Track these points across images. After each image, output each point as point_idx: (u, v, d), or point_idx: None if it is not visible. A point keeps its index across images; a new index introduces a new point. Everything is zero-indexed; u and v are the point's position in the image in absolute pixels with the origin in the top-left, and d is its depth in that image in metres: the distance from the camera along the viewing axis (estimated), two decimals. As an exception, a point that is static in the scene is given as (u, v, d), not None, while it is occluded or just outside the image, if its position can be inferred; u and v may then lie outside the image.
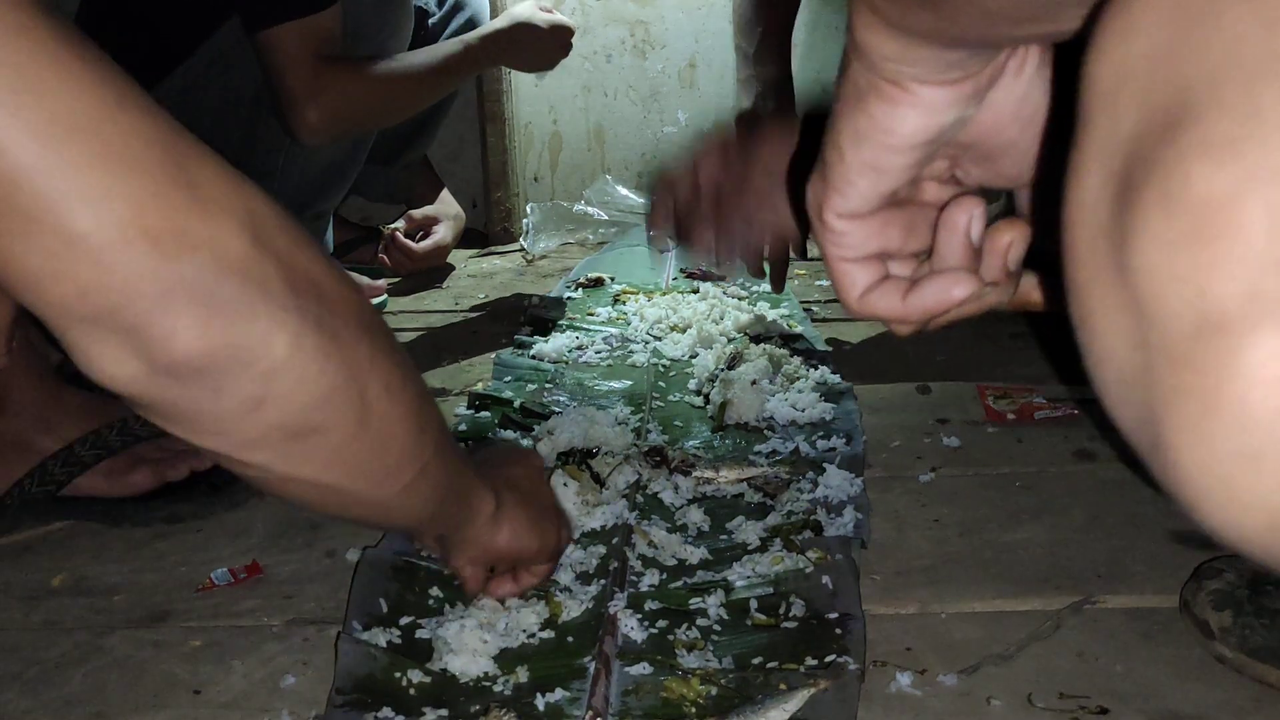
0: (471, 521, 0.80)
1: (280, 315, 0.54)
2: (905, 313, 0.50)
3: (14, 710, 0.83)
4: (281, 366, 0.55)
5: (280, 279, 0.54)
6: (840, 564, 0.92)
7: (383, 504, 0.68)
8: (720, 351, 1.41)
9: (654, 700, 0.79)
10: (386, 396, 0.62)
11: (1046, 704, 0.78)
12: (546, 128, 2.27)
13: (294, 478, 0.61)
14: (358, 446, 0.62)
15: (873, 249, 0.50)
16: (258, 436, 0.57)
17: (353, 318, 0.59)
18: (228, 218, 0.53)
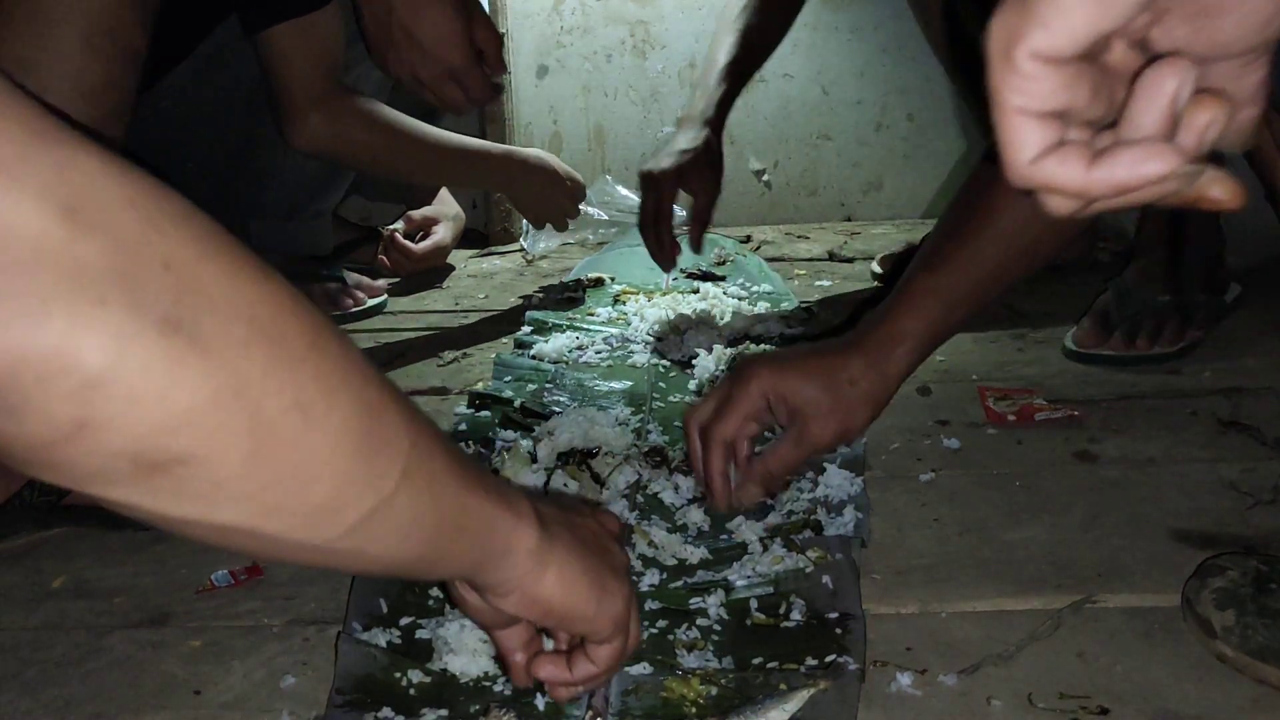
0: (501, 560, 0.63)
1: (93, 314, 0.41)
2: (1086, 185, 0.43)
3: (14, 710, 0.83)
4: (100, 380, 0.41)
5: (105, 266, 0.41)
6: (840, 563, 0.93)
7: (329, 550, 0.53)
8: (720, 352, 1.41)
9: (654, 700, 0.79)
10: (299, 417, 0.48)
11: (1046, 704, 0.78)
12: (546, 128, 2.27)
13: (175, 518, 0.47)
14: (259, 478, 0.48)
15: (1058, 104, 0.43)
16: (98, 468, 0.44)
17: (239, 318, 0.45)
18: (18, 187, 0.39)
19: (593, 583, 0.67)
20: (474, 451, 1.19)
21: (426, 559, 0.59)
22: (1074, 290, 1.63)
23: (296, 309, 0.49)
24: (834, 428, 0.98)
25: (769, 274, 1.79)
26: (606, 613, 0.68)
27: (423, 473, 0.55)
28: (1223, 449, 1.14)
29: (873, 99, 2.24)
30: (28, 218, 0.39)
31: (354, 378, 0.51)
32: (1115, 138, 0.43)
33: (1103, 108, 0.44)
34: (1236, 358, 1.37)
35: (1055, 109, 0.43)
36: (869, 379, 0.98)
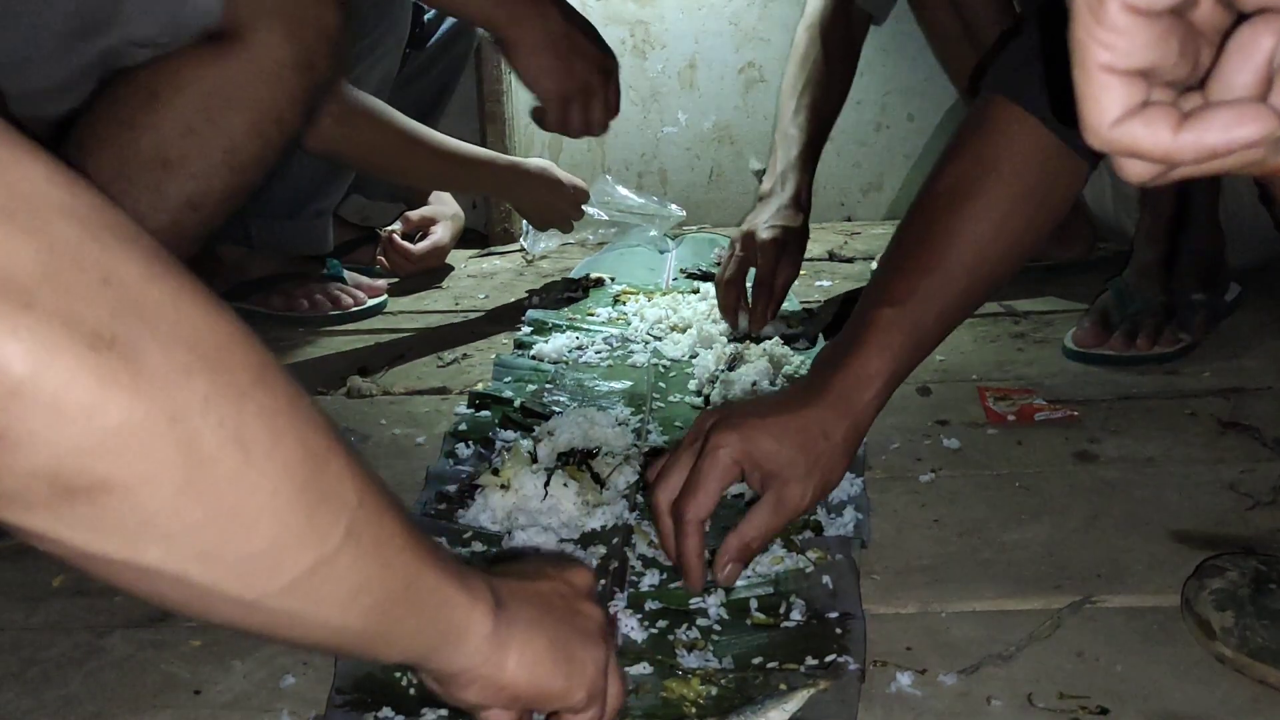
0: (454, 645, 0.58)
1: (18, 318, 0.38)
2: (1173, 149, 0.40)
3: (14, 710, 0.83)
4: (20, 390, 0.39)
5: (36, 273, 0.39)
6: (840, 563, 0.93)
7: (261, 607, 0.48)
8: (720, 352, 1.41)
9: (654, 700, 0.79)
10: (239, 453, 0.44)
11: (1046, 704, 0.78)
12: (546, 128, 2.27)
13: (95, 555, 0.44)
14: (190, 517, 0.44)
15: (1146, 61, 0.40)
16: (12, 488, 0.41)
17: (180, 343, 0.43)
18: None
19: (559, 658, 0.63)
20: (474, 451, 1.19)
21: (371, 634, 0.54)
22: (1074, 290, 1.64)
23: (245, 342, 0.46)
24: (814, 487, 0.91)
25: (769, 274, 1.79)
26: (579, 685, 0.64)
27: (370, 534, 0.51)
28: (1222, 449, 1.14)
29: (873, 99, 2.24)
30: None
31: (299, 420, 0.48)
32: (1203, 99, 0.41)
33: (1187, 68, 0.41)
34: (1236, 358, 1.38)
35: (1143, 66, 0.41)
36: (843, 430, 0.91)
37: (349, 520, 0.50)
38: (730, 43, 2.23)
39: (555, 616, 0.64)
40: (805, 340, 1.48)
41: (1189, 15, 0.41)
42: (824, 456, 0.91)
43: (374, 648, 0.56)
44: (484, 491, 1.05)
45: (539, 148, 2.27)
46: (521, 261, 2.03)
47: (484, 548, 0.99)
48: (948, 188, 0.96)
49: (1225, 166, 0.41)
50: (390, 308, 1.77)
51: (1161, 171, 0.42)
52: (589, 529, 1.02)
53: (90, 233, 0.41)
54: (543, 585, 0.66)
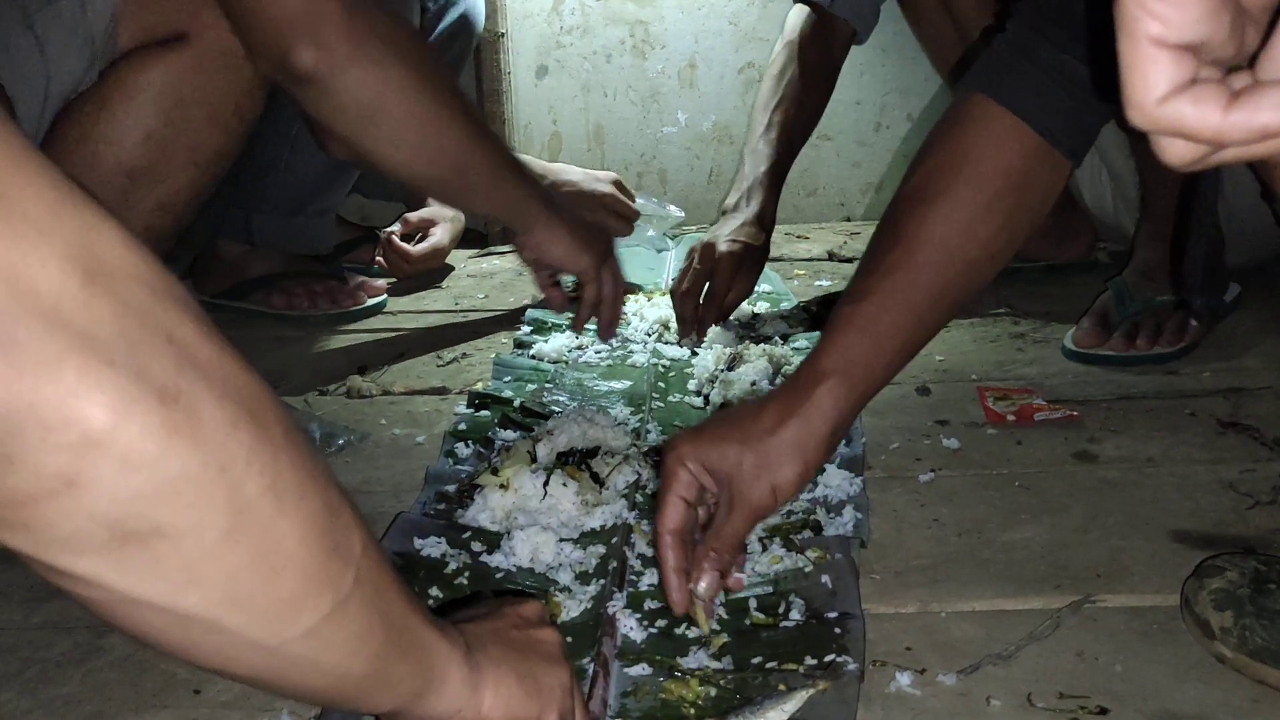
0: (437, 690, 0.60)
1: (102, 374, 0.42)
2: (1222, 128, 0.39)
3: (14, 710, 0.83)
4: (99, 439, 0.42)
5: (115, 331, 0.42)
6: (840, 563, 0.93)
7: (281, 652, 0.51)
8: (720, 352, 1.41)
9: (653, 701, 0.79)
10: (273, 501, 0.48)
11: (1046, 704, 0.78)
12: (546, 128, 2.27)
13: (138, 599, 0.46)
14: (229, 561, 0.47)
15: (1197, 35, 0.39)
16: (73, 531, 0.44)
17: (229, 397, 0.46)
18: (46, 245, 0.41)
19: (529, 689, 0.65)
20: (474, 451, 1.20)
21: (371, 679, 0.56)
22: (1074, 290, 1.64)
23: (273, 397, 0.49)
24: (763, 485, 0.86)
25: (769, 274, 1.79)
26: (550, 708, 0.66)
27: (371, 582, 0.54)
28: (1222, 449, 1.14)
29: (873, 99, 2.24)
30: (52, 275, 0.41)
31: (319, 473, 0.51)
32: (1252, 79, 0.39)
33: (1234, 47, 0.40)
34: (1236, 358, 1.38)
35: (1193, 41, 0.39)
36: (790, 427, 0.87)
37: (356, 568, 0.53)
38: (730, 43, 2.23)
39: (518, 649, 0.67)
40: (805, 336, 1.48)
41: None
42: (769, 453, 0.87)
43: (371, 694, 0.58)
44: (483, 491, 1.05)
45: (539, 148, 2.27)
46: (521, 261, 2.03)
47: (483, 547, 0.99)
48: (917, 187, 0.94)
49: (1272, 150, 0.40)
50: (390, 307, 1.77)
51: (1206, 153, 0.40)
52: (588, 528, 1.02)
53: (154, 295, 0.44)
54: (499, 622, 0.69)
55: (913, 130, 2.26)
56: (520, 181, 1.22)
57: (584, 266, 1.28)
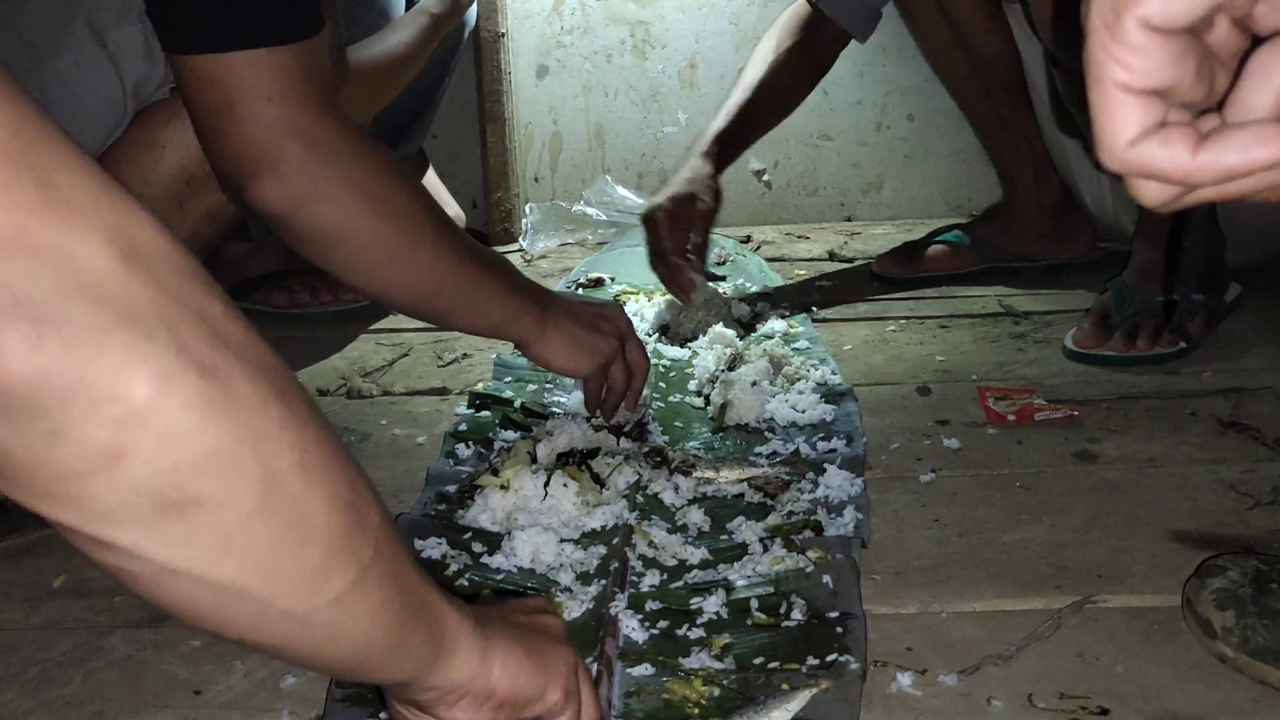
0: (449, 659, 0.62)
1: (145, 349, 0.43)
2: (1191, 170, 0.40)
3: (15, 710, 0.83)
4: (143, 412, 0.43)
5: (155, 308, 0.44)
6: (840, 563, 0.93)
7: (309, 621, 0.52)
8: (720, 352, 1.41)
9: (656, 702, 0.79)
10: (302, 474, 0.50)
11: (1046, 704, 0.78)
12: (546, 128, 2.27)
13: (177, 569, 0.48)
14: (262, 532, 0.49)
15: (1163, 81, 0.40)
16: (117, 503, 0.45)
17: (260, 373, 0.48)
18: (89, 228, 0.43)
19: (536, 664, 0.66)
20: (474, 451, 1.19)
21: (390, 647, 0.58)
22: (1074, 290, 1.64)
23: (296, 379, 0.51)
24: None
25: (769, 274, 1.79)
26: (555, 684, 0.67)
27: (389, 552, 0.56)
28: (1223, 449, 1.15)
29: (873, 99, 2.24)
30: (95, 255, 0.43)
31: (339, 449, 0.53)
32: (1220, 121, 0.40)
33: (1203, 91, 0.41)
34: (1236, 358, 1.38)
35: (1160, 86, 0.40)
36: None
37: (375, 539, 0.54)
38: (730, 42, 2.23)
39: (524, 629, 0.68)
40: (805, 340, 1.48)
41: (1205, 38, 0.41)
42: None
43: (389, 662, 0.59)
44: (484, 492, 1.05)
45: (539, 148, 2.27)
46: (521, 261, 2.03)
47: (483, 548, 0.99)
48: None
49: (1243, 189, 0.41)
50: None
51: (1178, 194, 0.41)
52: (589, 529, 1.02)
53: (185, 275, 0.46)
54: (504, 609, 0.71)
55: (913, 130, 2.26)
56: (508, 297, 1.13)
57: (587, 371, 1.20)
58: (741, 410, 1.24)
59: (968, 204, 2.24)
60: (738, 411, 1.24)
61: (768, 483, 1.09)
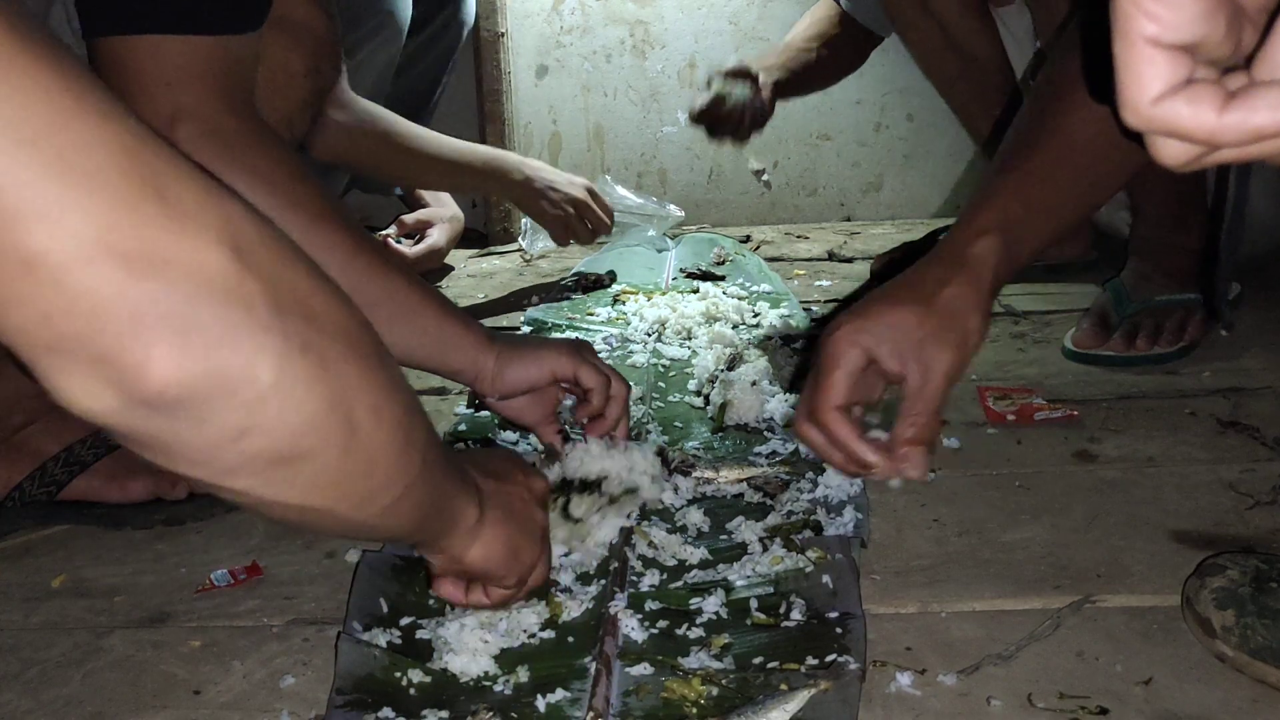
0: (449, 533, 0.77)
1: (264, 339, 0.50)
2: (1217, 129, 0.39)
3: (14, 710, 0.83)
4: (267, 394, 0.51)
5: (265, 299, 0.50)
6: (840, 563, 0.92)
7: (364, 524, 0.64)
8: (720, 352, 1.41)
9: (655, 701, 0.79)
10: (373, 418, 0.58)
11: (1046, 704, 0.78)
12: (546, 128, 2.27)
13: (276, 502, 0.58)
14: (343, 470, 0.58)
15: (1192, 36, 0.39)
16: (240, 464, 0.54)
17: (341, 337, 0.55)
18: (205, 233, 0.48)
19: (509, 552, 0.80)
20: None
21: (419, 528, 0.72)
22: (1074, 290, 1.64)
23: (364, 322, 0.59)
24: (952, 341, 0.87)
25: (769, 274, 1.79)
26: (514, 573, 0.82)
27: (429, 460, 0.66)
28: (1222, 449, 1.14)
29: (873, 99, 2.24)
30: (214, 259, 0.48)
31: (399, 382, 0.62)
32: (1248, 79, 0.39)
33: (1230, 47, 0.40)
34: (1236, 358, 1.38)
35: (1188, 41, 0.39)
36: (960, 277, 0.88)
37: (420, 454, 0.65)
38: (730, 42, 2.23)
39: (515, 520, 0.81)
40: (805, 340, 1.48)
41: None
42: (952, 307, 0.87)
43: (413, 536, 0.75)
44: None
45: (539, 148, 2.27)
46: (520, 261, 2.03)
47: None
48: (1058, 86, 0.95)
49: (1267, 150, 0.40)
50: (390, 308, 1.77)
51: (1201, 154, 0.40)
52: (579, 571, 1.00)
53: (281, 259, 0.52)
54: (511, 488, 0.83)
55: (913, 130, 2.26)
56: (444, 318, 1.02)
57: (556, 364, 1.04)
58: (741, 410, 1.24)
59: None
60: (737, 411, 1.24)
61: (767, 482, 1.09)
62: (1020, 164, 0.93)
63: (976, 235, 0.90)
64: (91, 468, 1.10)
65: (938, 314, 0.87)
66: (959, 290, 0.88)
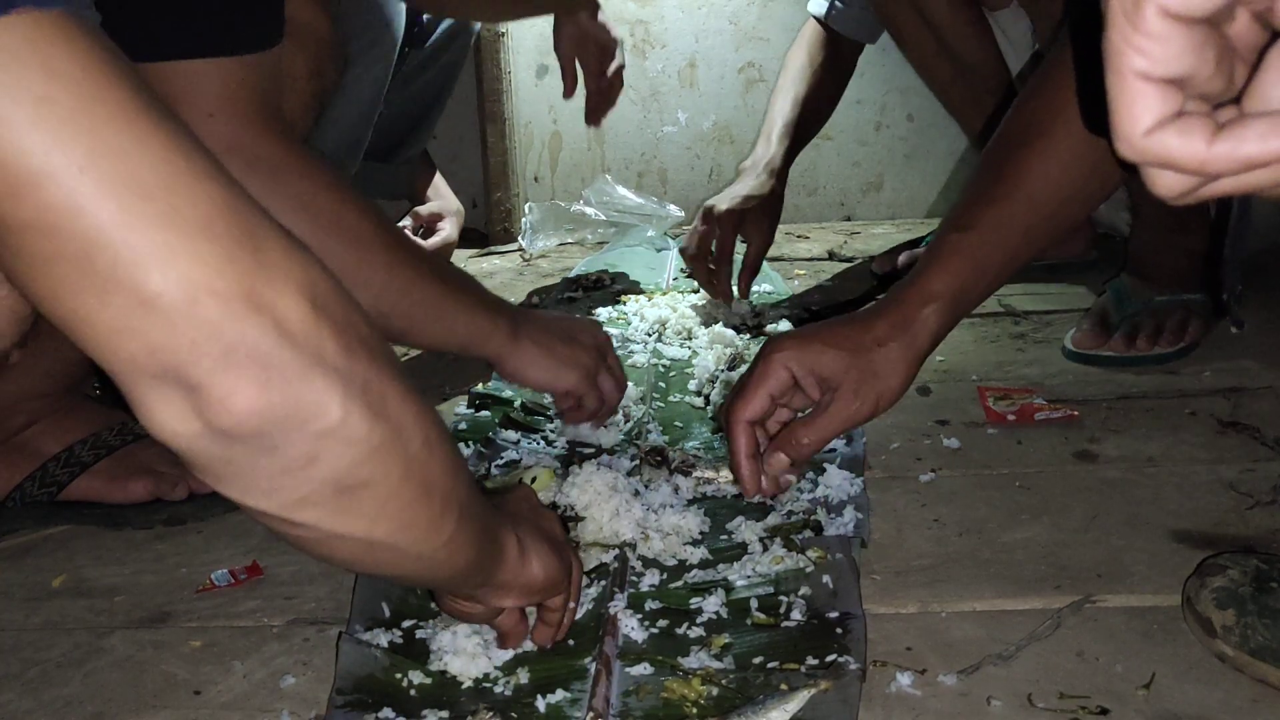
0: (504, 562, 0.77)
1: (334, 378, 0.56)
2: (1208, 159, 0.40)
3: (14, 710, 0.83)
4: (334, 428, 0.57)
5: (335, 344, 0.56)
6: (840, 563, 0.92)
7: (428, 558, 0.68)
8: (720, 352, 1.41)
9: (655, 701, 0.79)
10: (426, 449, 0.63)
11: (1046, 704, 0.78)
12: (546, 127, 2.27)
13: (342, 534, 0.62)
14: (403, 498, 0.63)
15: (1181, 70, 0.40)
16: (308, 493, 0.59)
17: (396, 375, 0.61)
18: (290, 284, 0.54)
19: (559, 559, 0.81)
20: (474, 451, 1.19)
21: (473, 565, 0.73)
22: (1074, 290, 1.64)
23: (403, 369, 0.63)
24: (869, 396, 0.95)
25: (769, 274, 1.79)
26: (566, 578, 0.83)
27: (472, 492, 0.70)
28: (1222, 449, 1.14)
29: (873, 99, 2.24)
30: (295, 308, 0.55)
31: (439, 418, 0.66)
32: (1239, 112, 0.40)
33: (1222, 83, 0.41)
34: (1236, 357, 1.37)
35: (1179, 75, 0.40)
36: (898, 341, 0.95)
37: (465, 483, 0.69)
38: (730, 42, 2.23)
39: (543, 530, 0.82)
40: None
41: (1225, 29, 0.41)
42: (880, 367, 0.95)
43: (472, 576, 0.76)
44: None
45: (539, 148, 2.27)
46: (520, 260, 2.03)
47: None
48: (1022, 125, 0.98)
49: (1260, 181, 0.41)
50: (390, 307, 1.77)
51: (1195, 185, 0.41)
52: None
53: (346, 307, 0.58)
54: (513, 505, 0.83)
55: (913, 130, 2.25)
56: (474, 313, 1.09)
57: (569, 385, 1.15)
58: (741, 410, 1.24)
59: (967, 203, 2.24)
60: (737, 411, 1.24)
61: (767, 482, 1.09)
62: (979, 219, 0.97)
63: (926, 300, 0.96)
64: (92, 468, 1.10)
65: (865, 368, 0.95)
66: (892, 355, 0.96)
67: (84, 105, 0.49)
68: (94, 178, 0.49)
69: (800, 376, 0.96)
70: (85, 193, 0.49)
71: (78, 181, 0.49)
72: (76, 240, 0.50)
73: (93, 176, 0.49)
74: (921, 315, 0.96)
